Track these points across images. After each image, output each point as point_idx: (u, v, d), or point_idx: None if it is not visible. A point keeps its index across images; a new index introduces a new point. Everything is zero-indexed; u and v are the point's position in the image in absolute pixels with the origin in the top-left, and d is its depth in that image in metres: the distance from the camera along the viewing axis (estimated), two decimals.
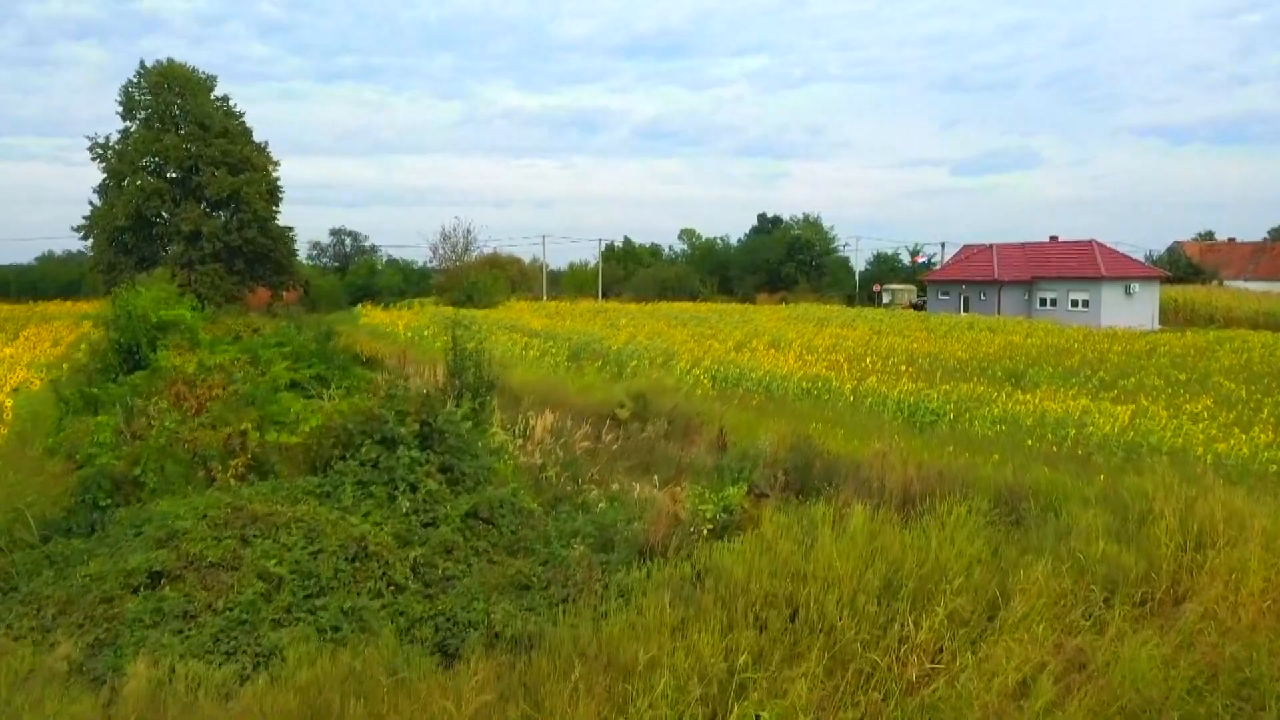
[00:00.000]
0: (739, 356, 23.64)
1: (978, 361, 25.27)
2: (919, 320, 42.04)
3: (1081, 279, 48.60)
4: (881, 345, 29.28)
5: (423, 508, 8.12)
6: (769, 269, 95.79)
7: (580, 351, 26.58)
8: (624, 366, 22.78)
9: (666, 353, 25.24)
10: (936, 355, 26.61)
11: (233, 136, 40.91)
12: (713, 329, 34.05)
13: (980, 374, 23.03)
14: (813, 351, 26.62)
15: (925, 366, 23.94)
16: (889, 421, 16.12)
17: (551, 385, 19.62)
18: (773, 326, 35.99)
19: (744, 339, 30.20)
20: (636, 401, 15.86)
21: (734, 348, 26.86)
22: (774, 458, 13.10)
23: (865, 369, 22.43)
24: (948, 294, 54.73)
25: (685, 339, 29.37)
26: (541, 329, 32.99)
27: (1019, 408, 15.66)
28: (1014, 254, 53.15)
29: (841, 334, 32.98)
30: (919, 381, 19.93)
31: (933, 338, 33.41)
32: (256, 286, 44.08)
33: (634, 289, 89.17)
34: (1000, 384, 21.55)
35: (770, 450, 13.39)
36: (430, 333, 30.95)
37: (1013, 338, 33.53)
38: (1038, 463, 12.12)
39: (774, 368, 21.30)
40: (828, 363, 23.66)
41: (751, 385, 19.86)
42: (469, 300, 58.40)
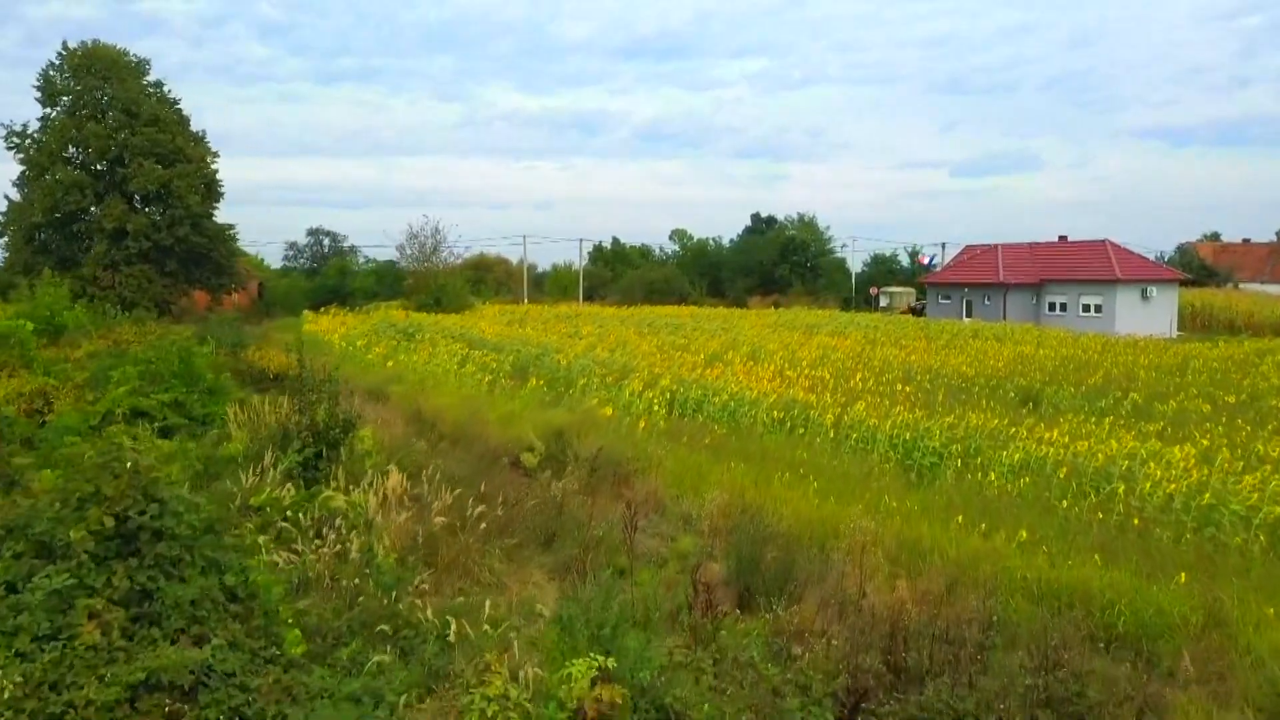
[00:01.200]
0: (708, 373, 20.28)
1: (985, 378, 21.92)
2: (918, 327, 38.72)
3: (1094, 282, 45.22)
4: (875, 358, 25.92)
5: (54, 677, 4.75)
6: (762, 271, 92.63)
7: (526, 366, 23.21)
8: (572, 385, 19.42)
9: (624, 368, 21.87)
10: (937, 371, 23.26)
11: (164, 125, 37.48)
12: (687, 338, 30.69)
13: (989, 395, 19.67)
14: (795, 366, 23.29)
15: (924, 385, 20.58)
16: (878, 466, 12.76)
17: (471, 411, 16.25)
18: (755, 335, 32.62)
19: (720, 350, 26.83)
20: (553, 441, 12.49)
21: (706, 361, 23.50)
22: (714, 528, 9.75)
23: (854, 389, 19.08)
24: (949, 298, 51.37)
25: (652, 351, 26.00)
26: (494, 338, 29.62)
27: (1044, 449, 12.28)
28: (1020, 255, 49.79)
29: (831, 344, 29.62)
30: (917, 408, 16.57)
31: (933, 348, 30.06)
32: (192, 289, 40.62)
33: (620, 292, 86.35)
34: (1014, 409, 18.19)
35: (712, 517, 10.04)
36: (364, 343, 27.55)
37: (1023, 348, 30.18)
38: (1081, 541, 8.76)
39: (746, 388, 17.95)
40: (811, 380, 20.30)
41: (715, 412, 16.49)
42: (437, 304, 55.22)
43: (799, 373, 21.59)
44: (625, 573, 8.03)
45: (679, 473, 12.02)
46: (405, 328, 31.88)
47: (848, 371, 22.64)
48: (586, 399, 17.46)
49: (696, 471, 12.06)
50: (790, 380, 20.37)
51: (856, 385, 19.56)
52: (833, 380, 20.52)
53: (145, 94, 38.08)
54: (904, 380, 20.91)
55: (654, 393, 17.60)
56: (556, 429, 12.89)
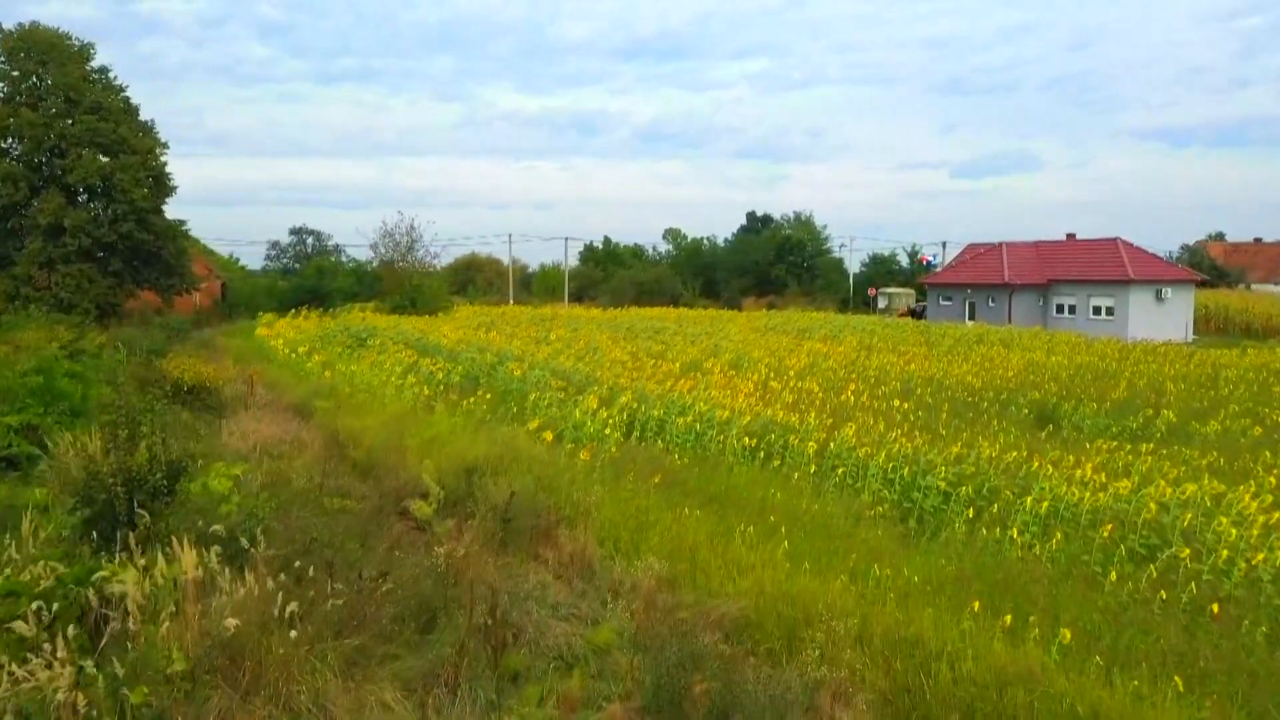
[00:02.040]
0: (681, 386, 17.88)
1: (994, 391, 19.54)
2: (918, 331, 36.33)
3: (1105, 282, 42.80)
4: (870, 366, 23.54)
5: None
6: (757, 271, 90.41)
7: (477, 377, 20.79)
8: (523, 400, 17.02)
9: (586, 380, 19.46)
10: (940, 381, 20.88)
11: (107, 113, 35.00)
12: (666, 343, 28.28)
13: (1000, 413, 17.29)
14: (781, 376, 20.90)
15: (925, 400, 18.19)
16: (869, 510, 10.35)
17: (392, 435, 13.84)
18: (741, 340, 30.22)
19: (699, 358, 24.43)
20: (463, 480, 10.08)
21: (681, 371, 21.10)
22: (650, 603, 7.38)
23: (844, 406, 16.69)
24: (950, 299, 48.93)
25: (623, 358, 23.58)
26: (452, 344, 27.18)
27: (1074, 492, 9.85)
28: (1026, 254, 47.37)
29: (823, 350, 27.23)
30: (916, 430, 14.17)
31: (934, 355, 27.67)
32: (139, 290, 38.11)
33: (610, 293, 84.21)
34: (1030, 430, 15.80)
35: (649, 592, 7.66)
36: (305, 350, 25.11)
37: (1033, 355, 27.79)
38: (1146, 645, 6.35)
39: (719, 405, 15.55)
40: (796, 394, 17.92)
41: (678, 436, 14.07)
42: (412, 306, 52.92)
43: (784, 384, 19.20)
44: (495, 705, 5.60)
45: (619, 521, 9.60)
46: (359, 332, 29.45)
47: (839, 383, 20.25)
48: (534, 418, 15.05)
49: (642, 519, 9.65)
50: (773, 394, 17.98)
51: (848, 400, 17.17)
52: (821, 394, 18.14)
53: (88, 80, 35.59)
54: (902, 394, 18.52)
55: (611, 411, 15.18)
56: (470, 464, 10.47)
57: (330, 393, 19.00)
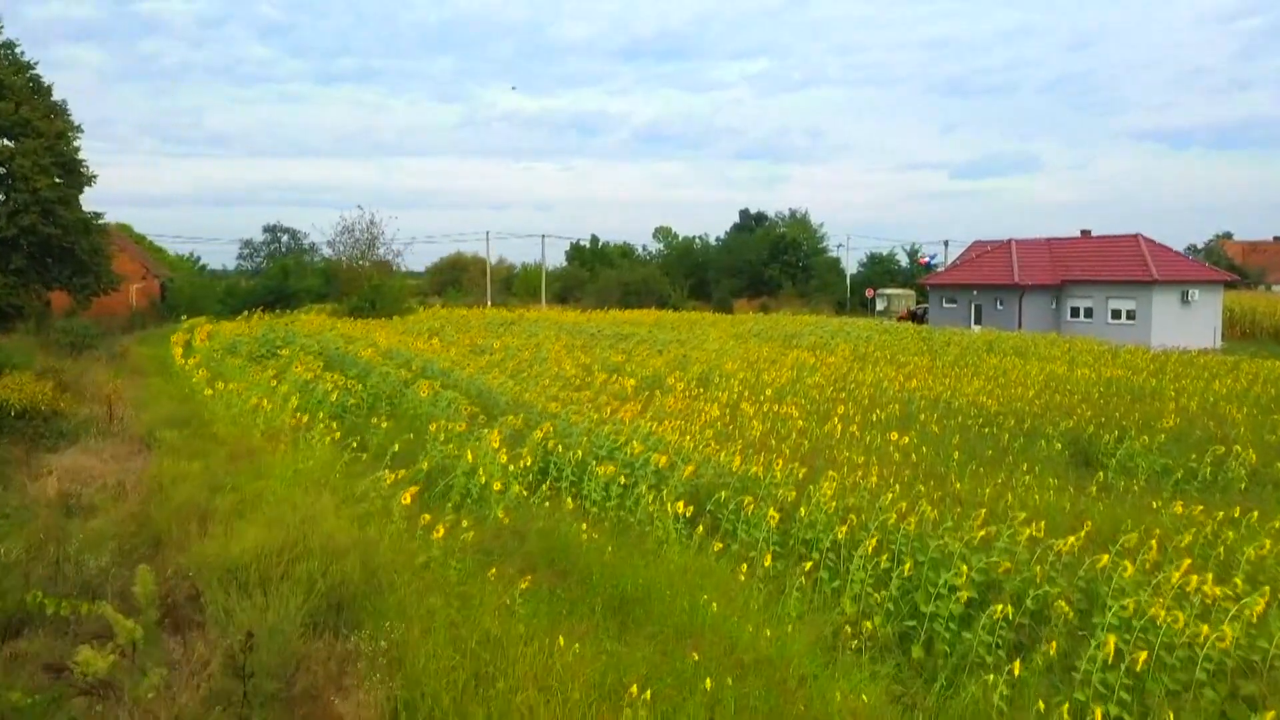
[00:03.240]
0: (626, 411, 14.35)
1: (1015, 415, 16.04)
2: (919, 337, 32.82)
3: (1126, 283, 39.26)
4: (864, 381, 20.03)
5: None
6: (750, 271, 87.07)
7: (381, 398, 17.25)
8: (419, 434, 13.50)
9: (510, 404, 15.95)
10: (949, 403, 17.36)
11: (7, 92, 31.39)
12: (629, 353, 24.74)
13: (1026, 447, 13.78)
14: (756, 395, 17.43)
15: (931, 430, 14.67)
16: (849, 639, 6.84)
17: (211, 484, 10.29)
18: (718, 348, 26.71)
19: (663, 371, 20.93)
20: (225, 586, 6.55)
21: (636, 390, 17.60)
22: None
23: (828, 439, 13.20)
24: (955, 301, 45.35)
25: (572, 373, 20.07)
26: (384, 352, 23.66)
27: (1172, 615, 6.31)
28: (1037, 252, 43.81)
29: (810, 361, 23.71)
30: (920, 478, 10.66)
31: (939, 366, 24.17)
32: (48, 290, 34.46)
33: (595, 294, 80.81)
34: (1068, 474, 12.31)
35: None
36: (194, 362, 21.50)
37: (1053, 366, 24.30)
38: None
39: (665, 442, 12.01)
40: (771, 422, 14.43)
41: (596, 495, 10.51)
42: (371, 308, 49.49)
43: (757, 407, 15.69)
44: None
45: (452, 663, 6.07)
46: (274, 339, 25.83)
47: (825, 405, 16.75)
48: (424, 458, 11.54)
49: (489, 657, 6.12)
50: (742, 421, 14.47)
51: (833, 430, 13.66)
52: (801, 420, 14.63)
53: None
54: (901, 422, 15.00)
55: (522, 450, 11.63)
56: (243, 559, 6.91)
57: (192, 419, 15.46)
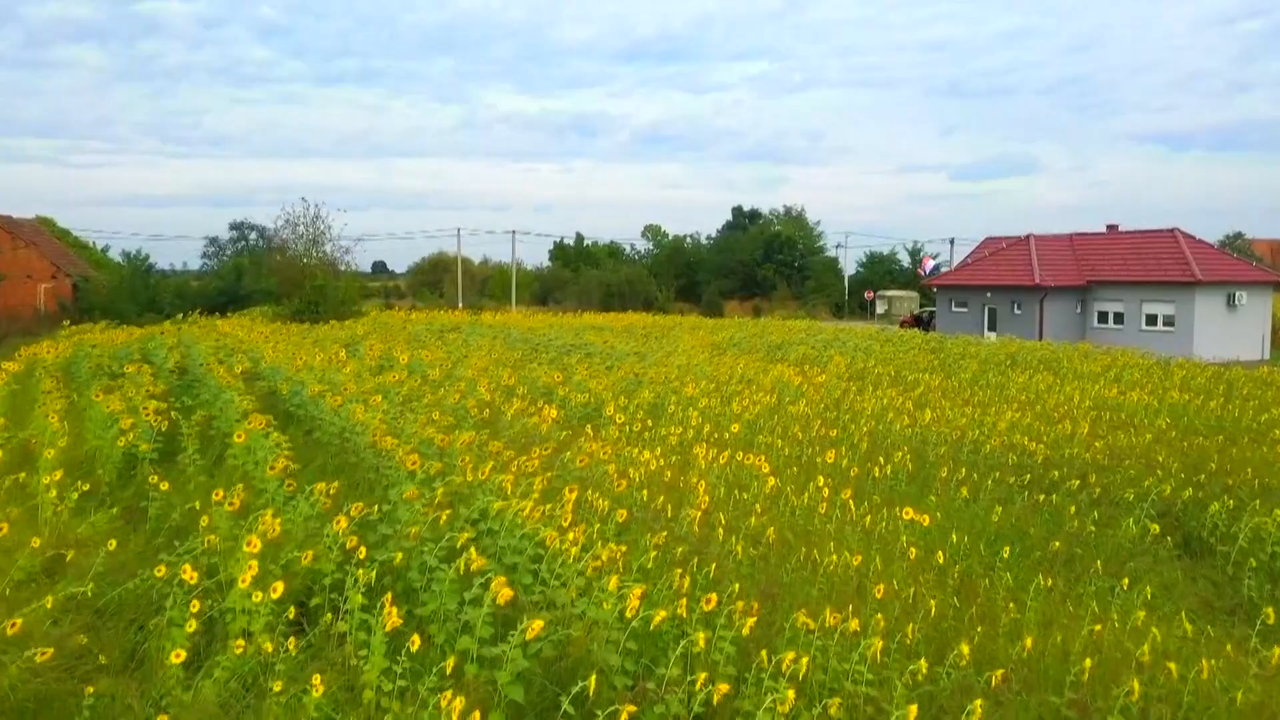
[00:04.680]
0: (524, 466, 9.93)
1: (1072, 467, 11.64)
2: (927, 348, 28.44)
3: (1164, 284, 34.89)
4: (862, 412, 15.63)
5: None
6: (743, 272, 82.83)
7: (188, 444, 12.84)
8: (207, 499, 9.05)
9: (353, 455, 11.53)
10: (977, 446, 12.94)
11: None
12: (567, 371, 20.29)
13: (1104, 534, 9.37)
14: (721, 429, 13.10)
15: (957, 495, 10.26)
16: None
17: None
18: (685, 362, 22.29)
19: (607, 394, 16.51)
20: None
21: (558, 425, 13.20)
22: None
23: (808, 514, 8.82)
24: (965, 305, 40.95)
25: (488, 399, 15.63)
26: (252, 373, 19.26)
27: None
28: (1059, 250, 39.42)
29: (796, 381, 19.29)
30: (950, 598, 6.30)
31: (955, 388, 19.78)
32: None
33: (577, 295, 76.65)
34: (1176, 581, 7.97)
35: None
36: None
37: (1097, 387, 19.91)
38: None
39: (530, 543, 7.60)
40: (728, 485, 10.05)
41: (369, 676, 6.10)
42: (314, 311, 45.09)
43: (714, 455, 11.28)
44: None
45: None
46: (148, 353, 21.36)
47: (809, 449, 12.36)
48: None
49: None
50: (688, 478, 10.08)
51: (814, 501, 9.27)
52: (773, 478, 10.22)
53: None
54: (914, 480, 10.60)
55: (294, 556, 7.20)
56: None
57: None
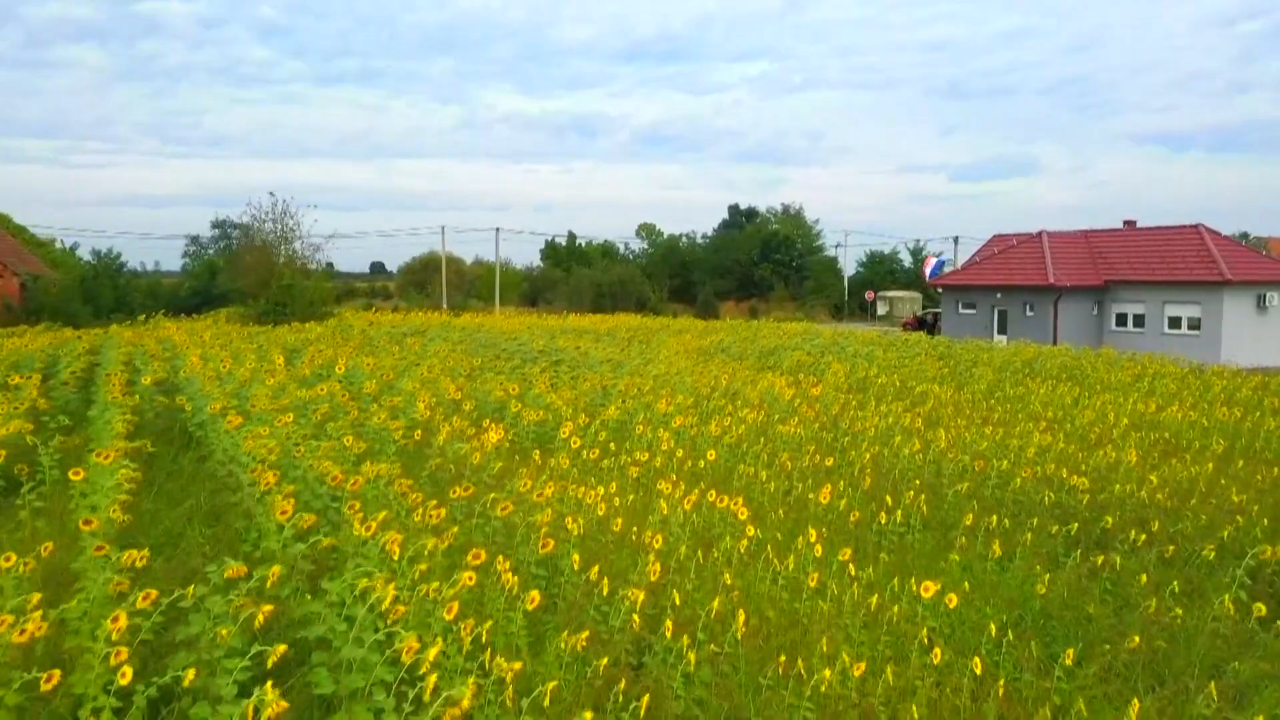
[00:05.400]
0: (429, 516, 7.58)
1: (1127, 511, 9.30)
2: (934, 353, 26.09)
3: (1188, 284, 32.57)
4: (864, 433, 13.27)
5: None
6: (740, 271, 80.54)
7: None
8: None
9: (231, 495, 9.17)
10: (1004, 479, 10.56)
11: None
12: (531, 381, 17.91)
13: (1189, 617, 7.01)
14: (695, 456, 10.80)
15: (990, 560, 7.88)
16: None
17: None
18: (664, 371, 19.92)
19: (568, 410, 14.14)
20: None
21: (504, 450, 10.85)
22: None
23: (794, 587, 6.48)
24: (973, 306, 38.61)
25: (426, 414, 13.26)
26: (163, 384, 16.89)
27: None
28: (1073, 247, 37.07)
29: (787, 394, 16.92)
30: None
31: (970, 401, 17.42)
32: None
33: (567, 296, 74.41)
34: None
35: None
36: None
37: (1129, 400, 17.56)
38: None
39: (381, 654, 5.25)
40: (695, 536, 7.72)
41: None
42: (282, 312, 42.68)
43: (680, 495, 8.92)
44: None
45: None
46: (54, 360, 19.01)
47: (798, 485, 10.01)
48: None
49: None
50: (649, 535, 7.76)
51: (798, 566, 6.93)
52: (752, 525, 7.85)
53: None
54: (930, 530, 8.25)
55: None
56: None
57: None
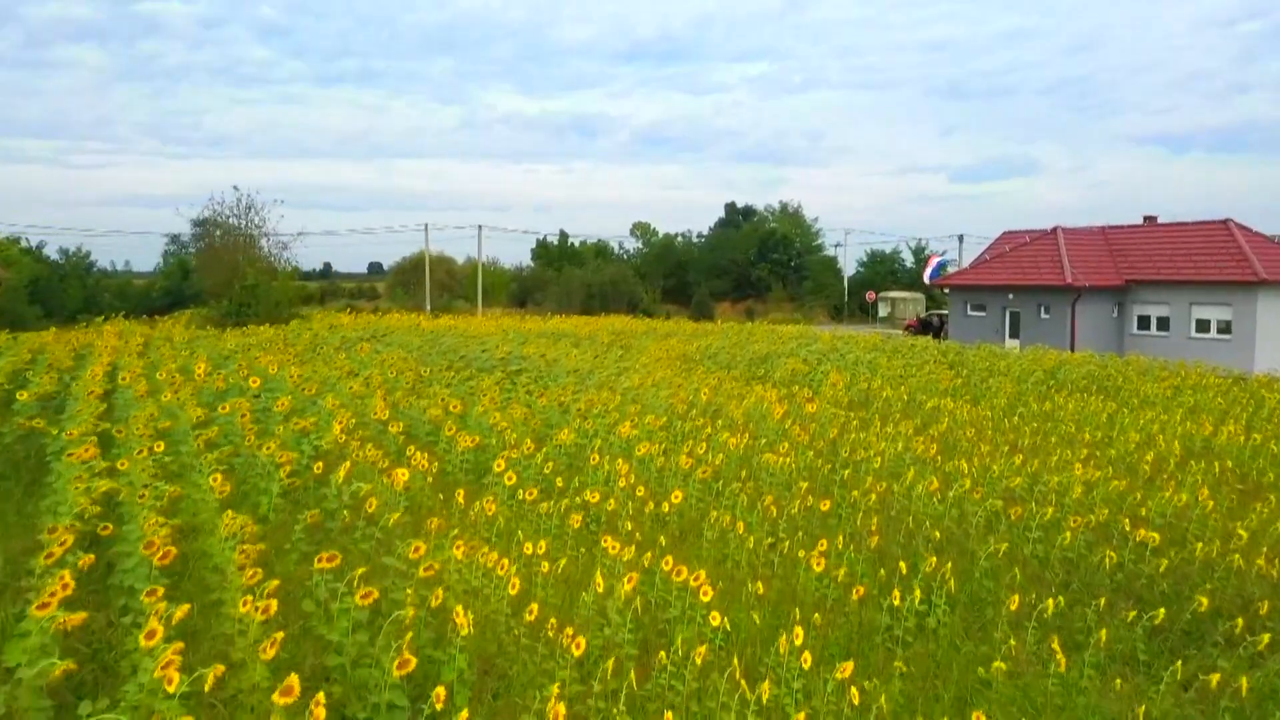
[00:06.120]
0: (252, 611, 5.33)
1: (1205, 570, 7.00)
2: (944, 361, 23.77)
3: (1218, 284, 30.27)
4: (868, 463, 10.96)
5: None
6: (736, 272, 78.21)
7: None
8: None
9: None
10: (1045, 530, 8.24)
11: None
12: (471, 397, 15.59)
13: None
14: (661, 493, 8.49)
15: (1022, 655, 5.57)
16: None
17: None
18: (640, 383, 17.61)
19: (513, 433, 11.82)
20: None
21: (417, 494, 8.58)
22: None
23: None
24: (983, 308, 36.30)
25: (305, 457, 10.95)
26: (40, 398, 14.57)
27: None
28: (1092, 244, 34.71)
29: (779, 410, 14.59)
30: None
31: (990, 420, 15.10)
32: None
33: (556, 297, 72.06)
34: None
35: None
36: None
37: (1173, 419, 15.24)
38: None
39: None
40: (643, 631, 5.38)
41: None
42: (246, 313, 40.36)
43: (632, 558, 6.60)
44: None
45: None
46: None
47: (783, 546, 7.71)
48: None
49: None
50: (569, 634, 5.42)
51: (775, 697, 4.59)
52: (718, 611, 5.52)
53: None
54: (954, 609, 5.95)
55: None
56: None
57: None
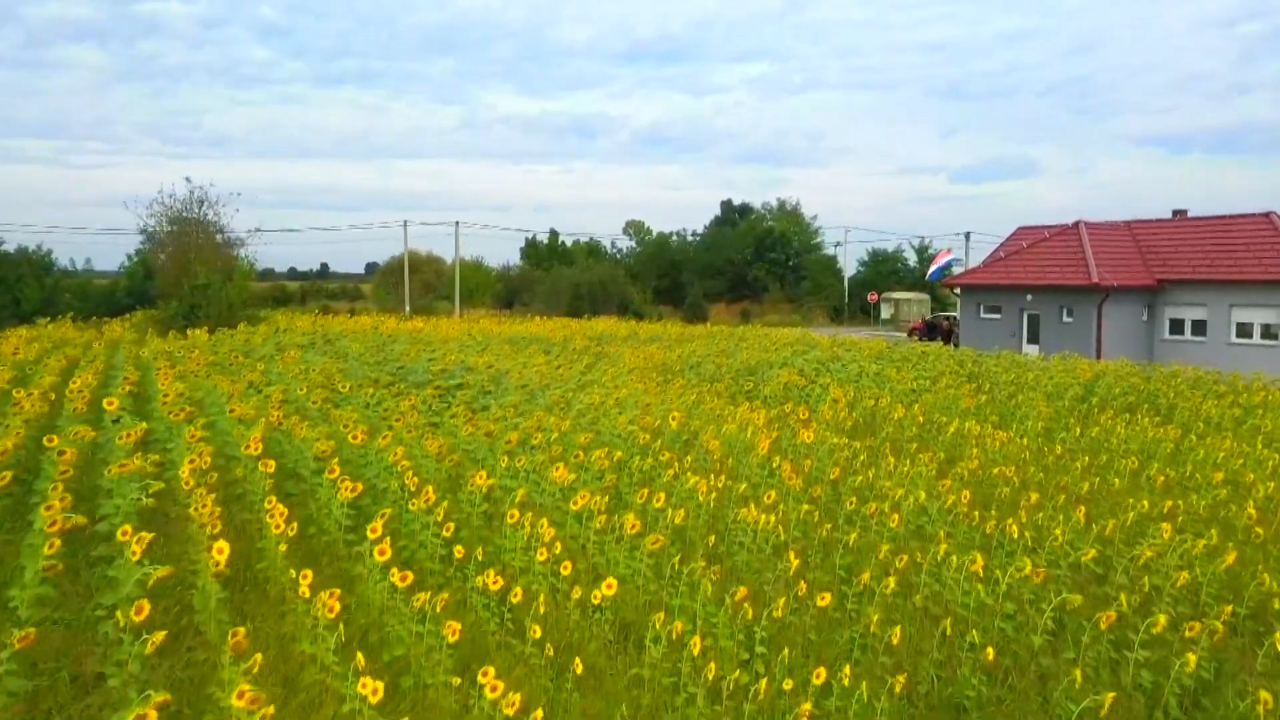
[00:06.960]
0: None
1: None
2: (961, 372, 20.91)
3: (1263, 284, 27.43)
4: (879, 521, 8.11)
5: None
6: (732, 271, 75.54)
7: None
8: None
9: None
10: (1156, 651, 5.42)
11: None
12: (369, 427, 12.70)
13: None
14: (591, 577, 5.62)
15: None
16: None
17: None
18: (601, 401, 14.74)
19: (416, 478, 8.93)
20: None
21: (246, 579, 5.73)
22: None
23: None
24: (997, 310, 33.43)
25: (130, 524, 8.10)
26: None
27: None
28: (1117, 240, 31.84)
29: (768, 438, 11.70)
30: None
31: (1027, 452, 12.26)
32: None
33: (544, 298, 69.36)
34: None
35: None
36: None
37: (1254, 449, 12.41)
38: None
39: None
40: None
41: None
42: (198, 315, 37.44)
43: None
44: None
45: None
46: None
47: (757, 687, 4.80)
48: None
49: None
50: None
51: None
52: None
53: None
54: None
55: None
56: None
57: None
